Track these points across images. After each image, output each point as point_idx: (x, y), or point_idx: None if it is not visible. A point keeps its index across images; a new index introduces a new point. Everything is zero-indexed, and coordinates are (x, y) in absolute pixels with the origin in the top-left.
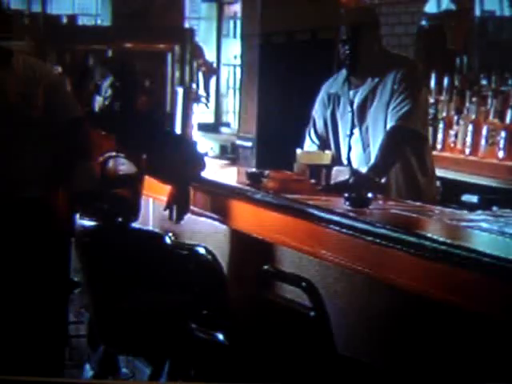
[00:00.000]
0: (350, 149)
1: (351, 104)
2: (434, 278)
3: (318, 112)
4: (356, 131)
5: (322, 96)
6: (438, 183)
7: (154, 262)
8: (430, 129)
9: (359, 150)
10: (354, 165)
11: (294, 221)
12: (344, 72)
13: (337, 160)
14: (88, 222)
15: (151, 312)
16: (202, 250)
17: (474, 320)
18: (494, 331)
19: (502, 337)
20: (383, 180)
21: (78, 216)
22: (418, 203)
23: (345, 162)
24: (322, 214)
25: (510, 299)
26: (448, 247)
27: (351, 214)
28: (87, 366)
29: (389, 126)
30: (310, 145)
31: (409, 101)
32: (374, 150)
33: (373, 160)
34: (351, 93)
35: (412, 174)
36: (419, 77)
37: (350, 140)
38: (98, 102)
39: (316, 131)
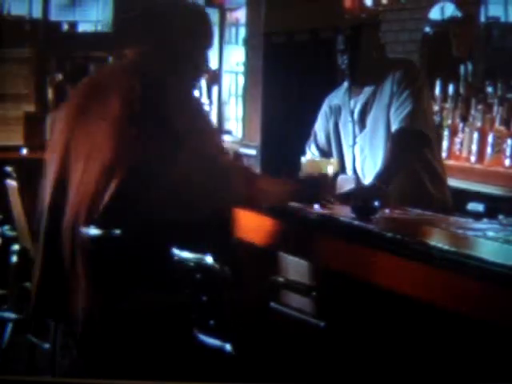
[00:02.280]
0: (354, 158)
1: (352, 114)
2: (440, 287)
3: (319, 125)
4: (358, 139)
5: (324, 109)
6: None
7: (160, 271)
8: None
9: (358, 157)
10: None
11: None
12: (345, 83)
13: (341, 169)
14: (93, 230)
15: (157, 321)
16: (209, 260)
17: (479, 328)
18: (499, 339)
19: (506, 344)
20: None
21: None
22: (421, 211)
23: (349, 172)
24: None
25: None
26: (454, 256)
27: (356, 222)
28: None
29: (393, 129)
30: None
31: (410, 101)
32: (372, 155)
33: (378, 167)
34: (352, 102)
35: (418, 178)
36: (418, 76)
37: (353, 150)
38: None
39: (317, 145)
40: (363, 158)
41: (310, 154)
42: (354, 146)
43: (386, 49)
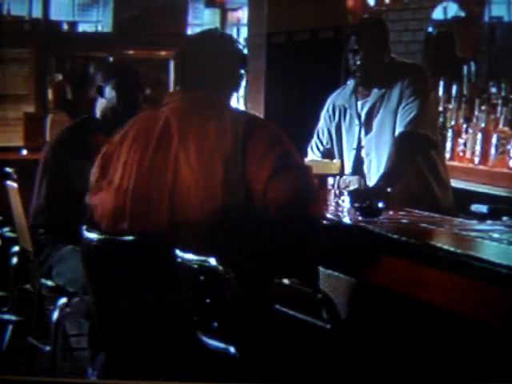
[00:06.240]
0: (360, 161)
1: (359, 117)
2: (446, 289)
3: (322, 125)
4: (363, 143)
5: (327, 108)
6: None
7: (164, 273)
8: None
9: (364, 160)
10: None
11: None
12: (352, 83)
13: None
14: (95, 233)
15: (159, 323)
16: (212, 261)
17: (480, 328)
18: (503, 340)
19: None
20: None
21: (84, 227)
22: (427, 213)
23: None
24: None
25: None
26: (458, 257)
27: (362, 224)
28: (89, 370)
29: (397, 131)
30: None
31: (418, 105)
32: (377, 159)
33: (383, 169)
34: (359, 104)
35: (425, 182)
36: (427, 81)
37: (357, 152)
38: (102, 104)
39: (320, 145)
40: (368, 161)
41: (312, 155)
42: (358, 149)
43: (391, 52)
